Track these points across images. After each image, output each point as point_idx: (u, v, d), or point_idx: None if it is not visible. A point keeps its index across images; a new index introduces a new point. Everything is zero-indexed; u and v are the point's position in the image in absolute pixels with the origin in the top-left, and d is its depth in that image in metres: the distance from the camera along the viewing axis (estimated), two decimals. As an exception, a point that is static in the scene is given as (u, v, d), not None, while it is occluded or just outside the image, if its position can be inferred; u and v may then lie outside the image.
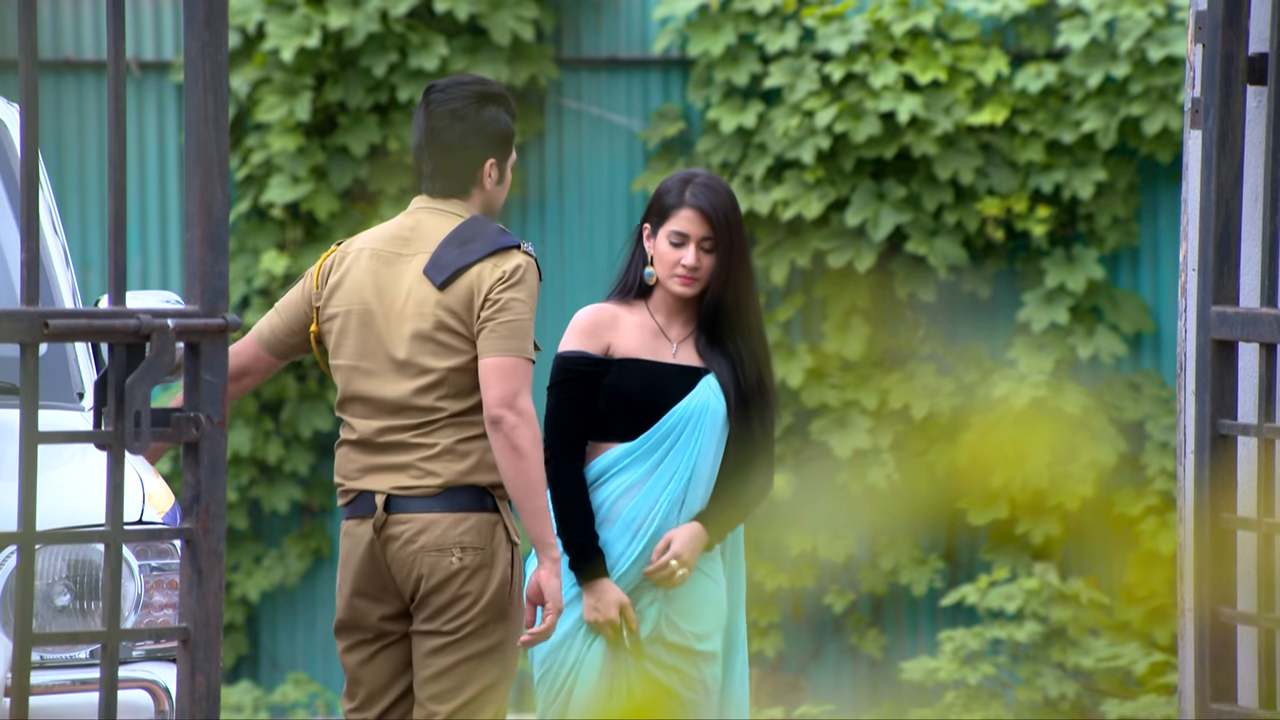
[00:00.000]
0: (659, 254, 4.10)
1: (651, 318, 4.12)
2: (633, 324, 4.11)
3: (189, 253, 2.67)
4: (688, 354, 4.13)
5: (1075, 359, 7.20)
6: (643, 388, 4.07)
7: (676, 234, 4.08)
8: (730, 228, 4.08)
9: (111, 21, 2.64)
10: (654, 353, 4.11)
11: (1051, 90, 7.16)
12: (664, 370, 4.09)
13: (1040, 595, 6.98)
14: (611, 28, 7.37)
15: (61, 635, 2.65)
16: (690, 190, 4.10)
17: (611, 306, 4.13)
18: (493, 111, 4.10)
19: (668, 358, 4.10)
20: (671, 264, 4.09)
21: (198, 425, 2.64)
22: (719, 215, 4.08)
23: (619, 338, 4.11)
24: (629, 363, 4.08)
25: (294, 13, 7.19)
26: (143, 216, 7.37)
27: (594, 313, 4.12)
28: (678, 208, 4.09)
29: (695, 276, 4.08)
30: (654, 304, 4.14)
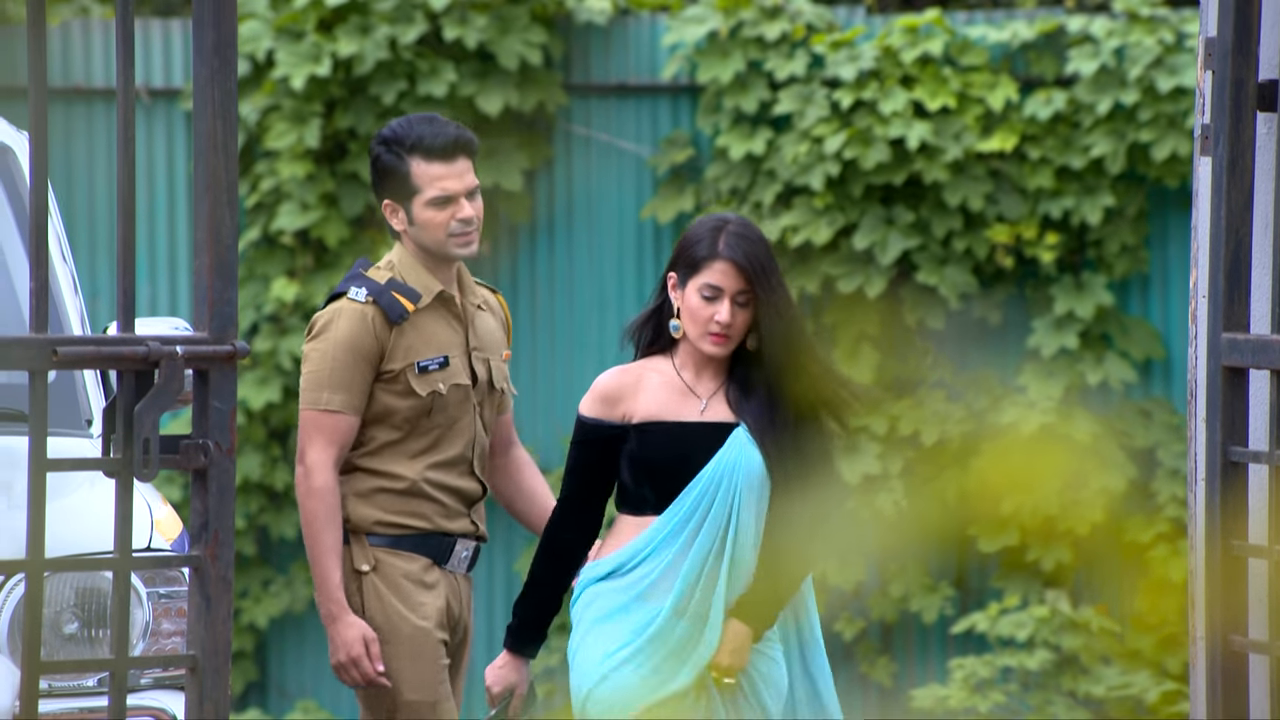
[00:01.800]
0: (688, 309, 3.73)
1: (678, 374, 3.77)
2: (657, 382, 3.76)
3: (198, 280, 2.67)
4: (719, 409, 3.75)
5: (1085, 385, 7.19)
6: (667, 454, 3.71)
7: (709, 287, 3.72)
8: (768, 278, 3.71)
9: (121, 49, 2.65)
10: (678, 412, 3.74)
11: (1061, 117, 7.16)
12: (690, 431, 3.72)
13: (1051, 623, 6.96)
14: (620, 54, 7.38)
15: (70, 663, 2.65)
16: (724, 240, 3.73)
17: (638, 368, 3.78)
18: (375, 151, 4.16)
19: (695, 415, 3.73)
20: (703, 321, 3.72)
21: (206, 452, 2.63)
22: (755, 267, 3.71)
23: (639, 403, 3.75)
24: (650, 427, 3.72)
25: (303, 40, 7.21)
26: (152, 244, 7.38)
27: (616, 377, 3.77)
28: (710, 260, 3.72)
29: (728, 334, 3.71)
30: (680, 358, 3.77)
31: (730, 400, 3.72)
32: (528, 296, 7.40)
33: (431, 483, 4.13)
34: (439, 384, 4.13)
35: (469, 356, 4.16)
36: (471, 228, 4.14)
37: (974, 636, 7.18)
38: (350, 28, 7.19)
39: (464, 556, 4.18)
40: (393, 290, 4.13)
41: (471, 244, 4.16)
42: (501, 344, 4.23)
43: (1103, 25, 7.15)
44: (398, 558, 4.12)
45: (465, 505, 4.16)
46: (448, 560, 4.14)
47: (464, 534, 4.16)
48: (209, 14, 2.65)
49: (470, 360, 4.16)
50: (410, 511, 4.14)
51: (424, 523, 4.14)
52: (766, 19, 7.23)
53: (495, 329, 4.23)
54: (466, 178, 4.14)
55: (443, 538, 4.14)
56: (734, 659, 3.71)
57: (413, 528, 4.14)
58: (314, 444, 4.06)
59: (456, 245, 4.13)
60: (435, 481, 4.14)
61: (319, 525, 4.06)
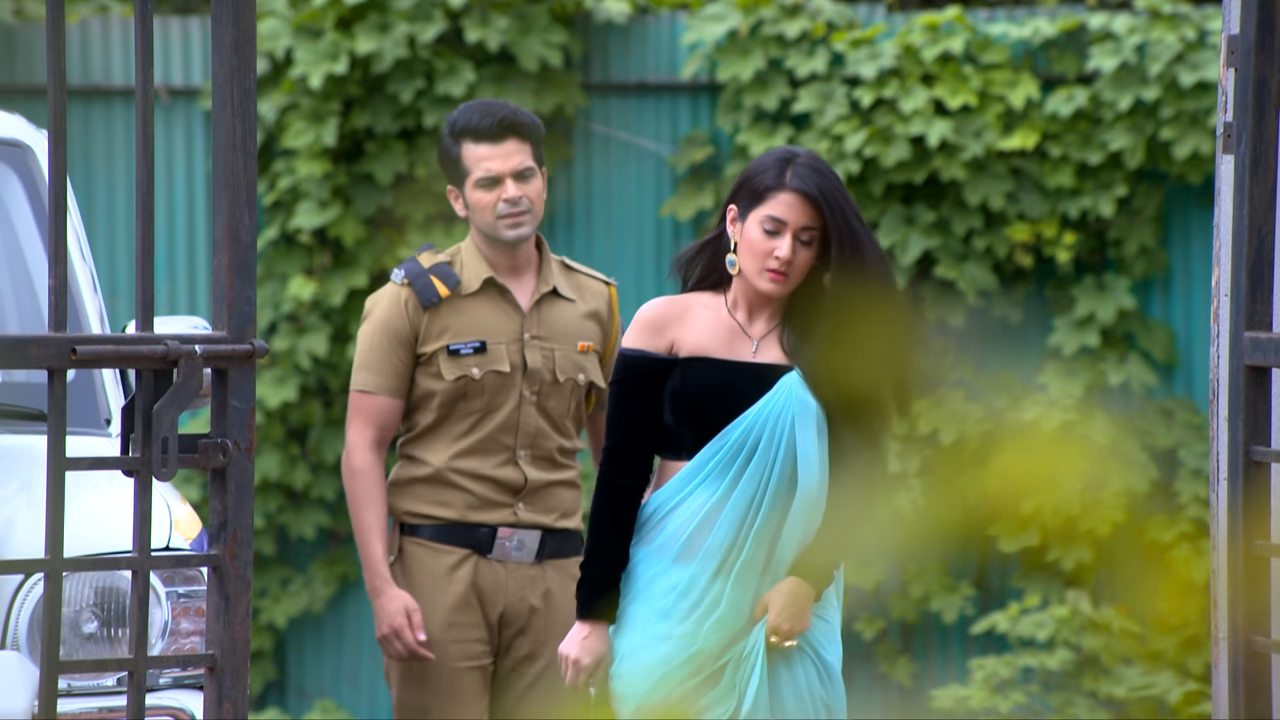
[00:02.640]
0: (747, 242, 3.42)
1: (730, 313, 3.46)
2: (706, 318, 3.45)
3: (216, 278, 2.66)
4: (771, 350, 3.44)
5: (1106, 385, 7.17)
6: (712, 391, 3.39)
7: (772, 220, 3.40)
8: (842, 211, 3.37)
9: (140, 48, 2.64)
10: (728, 350, 3.44)
11: (1082, 114, 7.13)
12: (739, 370, 3.41)
13: (1072, 623, 6.94)
14: (640, 53, 7.37)
15: (89, 663, 2.64)
16: (792, 171, 3.42)
17: (685, 299, 3.48)
18: (440, 140, 4.21)
19: (746, 356, 3.43)
20: (762, 255, 3.40)
21: (224, 451, 2.63)
22: (828, 202, 3.38)
23: (687, 332, 3.44)
24: (696, 362, 3.42)
25: (322, 39, 7.20)
26: (171, 242, 7.38)
27: (662, 305, 3.47)
28: (775, 190, 3.41)
29: (787, 273, 3.40)
30: (734, 298, 3.46)
31: (784, 344, 3.43)
32: (547, 295, 7.40)
33: (460, 471, 4.13)
34: (472, 369, 4.14)
35: (521, 344, 4.15)
36: (519, 209, 4.14)
37: (994, 637, 7.16)
38: (369, 26, 7.19)
39: (512, 546, 4.16)
40: (432, 274, 4.15)
41: (521, 226, 4.15)
42: (579, 335, 4.20)
43: (1124, 22, 7.12)
44: (425, 549, 4.14)
45: (508, 495, 4.14)
46: (490, 551, 4.13)
47: (506, 524, 4.14)
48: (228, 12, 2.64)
49: (523, 348, 4.15)
50: (437, 500, 4.15)
51: (450, 512, 4.14)
52: (787, 17, 7.21)
53: (576, 320, 4.20)
54: (513, 159, 4.14)
55: (474, 528, 4.13)
56: (795, 622, 3.39)
57: (439, 518, 4.15)
58: (353, 425, 4.14)
59: (505, 227, 4.14)
60: (465, 470, 4.14)
61: (359, 504, 4.13)
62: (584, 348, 4.23)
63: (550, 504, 4.18)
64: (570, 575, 4.21)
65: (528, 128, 4.19)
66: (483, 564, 4.15)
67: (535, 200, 4.18)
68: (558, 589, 4.19)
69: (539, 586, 4.18)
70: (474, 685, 4.17)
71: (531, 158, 4.20)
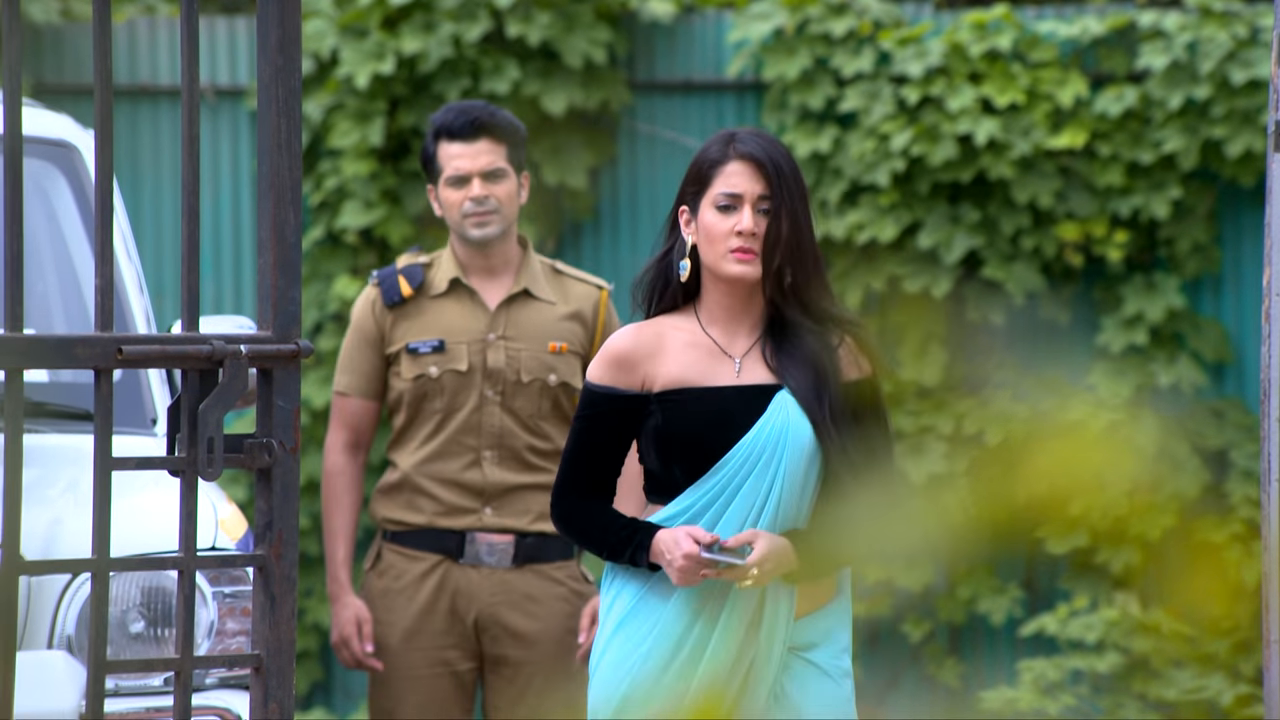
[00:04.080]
0: (705, 230, 3.10)
1: (705, 332, 3.13)
2: (680, 342, 3.12)
3: (261, 278, 2.66)
4: (755, 370, 3.11)
5: (1155, 386, 7.12)
6: (697, 426, 3.06)
7: (725, 195, 3.10)
8: (792, 181, 3.08)
9: (186, 48, 2.64)
10: (709, 376, 3.10)
11: (1132, 113, 7.08)
12: (723, 397, 3.08)
13: (1121, 625, 6.90)
14: (685, 51, 7.36)
15: (135, 662, 2.64)
16: (737, 141, 3.13)
17: (655, 325, 3.14)
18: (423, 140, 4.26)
19: (729, 379, 3.10)
20: (723, 236, 3.08)
21: (270, 451, 2.62)
22: (775, 165, 3.08)
23: (661, 364, 3.11)
24: (675, 396, 3.08)
25: (368, 39, 7.21)
26: (216, 242, 7.39)
27: (630, 337, 3.12)
28: (721, 163, 3.12)
29: (754, 248, 3.07)
30: (706, 313, 3.13)
31: (768, 359, 3.09)
32: (592, 295, 7.39)
33: (427, 476, 4.14)
34: (430, 367, 4.14)
35: (484, 344, 4.15)
36: (485, 208, 4.14)
37: (1043, 639, 7.12)
38: (414, 25, 7.19)
39: (484, 551, 4.15)
40: (401, 274, 4.18)
41: (487, 225, 4.15)
42: (551, 336, 4.20)
43: (1175, 20, 7.07)
44: (399, 555, 4.16)
45: (474, 499, 4.14)
46: (461, 556, 4.13)
47: (474, 529, 4.14)
48: (273, 12, 2.64)
49: (485, 348, 4.15)
50: (408, 506, 4.16)
51: (420, 518, 4.16)
52: (833, 15, 7.18)
53: (551, 321, 4.20)
54: (482, 158, 4.14)
55: (444, 534, 4.14)
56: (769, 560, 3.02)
57: (410, 524, 4.16)
58: (330, 427, 4.20)
59: (470, 225, 4.15)
60: (431, 475, 4.14)
61: (327, 507, 4.19)
62: (555, 348, 4.22)
63: (522, 507, 4.17)
64: (552, 579, 4.20)
65: (503, 129, 4.19)
66: (455, 569, 4.15)
67: (505, 201, 4.17)
68: (540, 592, 4.17)
69: (518, 590, 4.16)
70: (445, 692, 4.16)
71: (505, 159, 4.19)
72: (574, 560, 4.23)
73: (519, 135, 4.20)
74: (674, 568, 3.04)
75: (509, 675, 4.17)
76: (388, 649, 4.16)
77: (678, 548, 3.04)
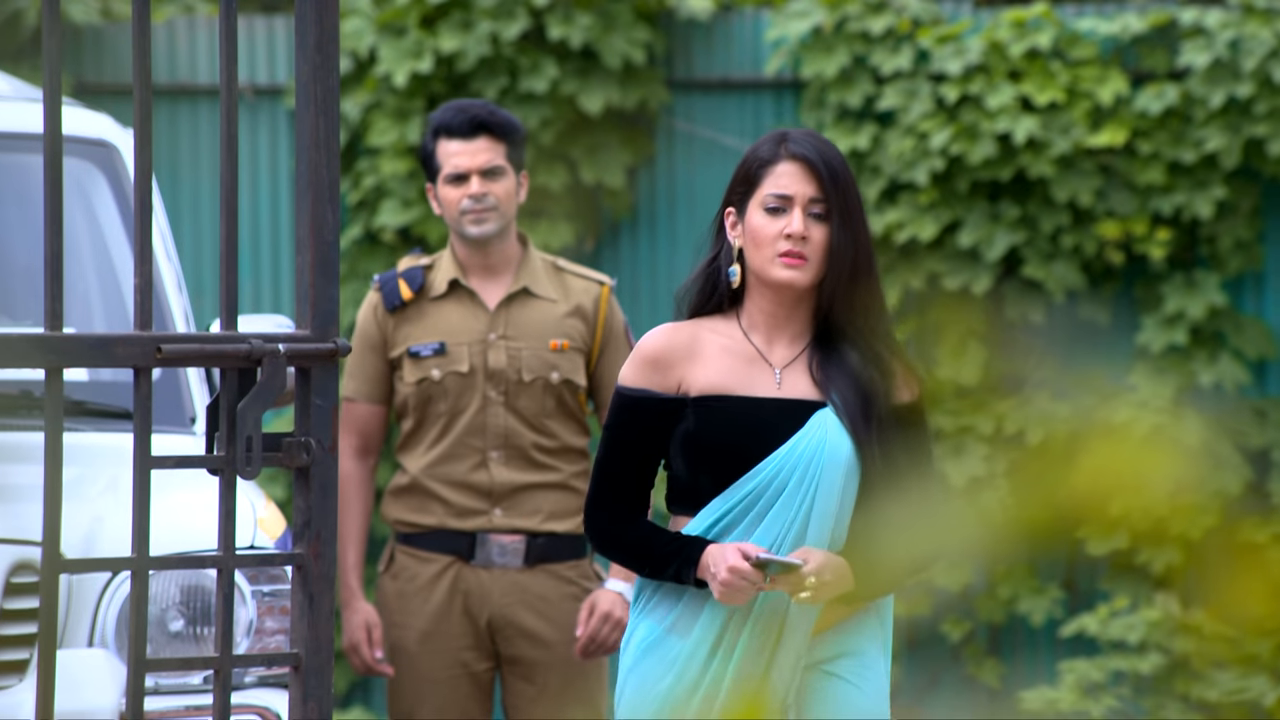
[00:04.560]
0: (752, 234, 2.95)
1: (746, 338, 2.98)
2: (718, 346, 2.97)
3: (299, 277, 2.66)
4: (797, 382, 2.95)
5: (1197, 385, 7.08)
6: (732, 436, 2.91)
7: (775, 197, 2.95)
8: (846, 186, 2.94)
9: (224, 47, 2.64)
10: (748, 385, 2.94)
11: (1173, 111, 7.05)
12: (763, 409, 2.92)
13: (1163, 626, 6.86)
14: (723, 50, 7.34)
15: (175, 661, 2.64)
16: (790, 142, 2.98)
17: (691, 326, 2.99)
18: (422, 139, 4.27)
19: (769, 390, 2.94)
20: (770, 239, 2.94)
21: (308, 450, 2.62)
22: (830, 168, 2.95)
23: (698, 367, 2.95)
24: (710, 402, 2.92)
25: (406, 37, 7.22)
26: (255, 241, 7.41)
27: (665, 336, 2.98)
28: (772, 163, 2.97)
29: (805, 252, 2.93)
30: (748, 319, 2.98)
31: (813, 371, 2.94)
32: (629, 292, 7.38)
33: (435, 478, 4.14)
34: (432, 370, 4.14)
35: (484, 344, 4.14)
36: (483, 205, 4.14)
37: (1083, 639, 7.09)
38: (452, 24, 7.19)
39: (495, 552, 4.14)
40: (401, 278, 4.18)
41: (485, 223, 4.15)
42: (552, 334, 4.19)
43: (1216, 17, 7.03)
44: (411, 557, 4.16)
45: (483, 500, 4.13)
46: (472, 557, 4.13)
47: (483, 530, 4.13)
48: (311, 11, 2.64)
49: (486, 348, 4.14)
50: (419, 508, 4.17)
51: (431, 519, 4.16)
52: (871, 13, 7.16)
53: (553, 319, 4.19)
54: (481, 156, 4.14)
55: (455, 535, 4.14)
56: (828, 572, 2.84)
57: (421, 525, 4.16)
58: (341, 433, 4.16)
59: (468, 223, 4.14)
60: (439, 477, 4.14)
61: (340, 511, 4.17)
62: (556, 346, 4.21)
63: (532, 507, 4.16)
64: (564, 579, 4.20)
65: (502, 127, 4.19)
66: (466, 570, 4.14)
67: (503, 199, 4.17)
68: (552, 592, 4.17)
69: (530, 591, 4.16)
70: (463, 693, 4.16)
71: (504, 157, 4.19)
72: (585, 559, 4.23)
73: (518, 134, 4.20)
74: (718, 580, 2.87)
75: (526, 675, 4.16)
76: (405, 652, 4.15)
77: (724, 560, 2.87)
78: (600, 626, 4.13)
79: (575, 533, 4.20)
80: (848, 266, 2.94)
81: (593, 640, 4.14)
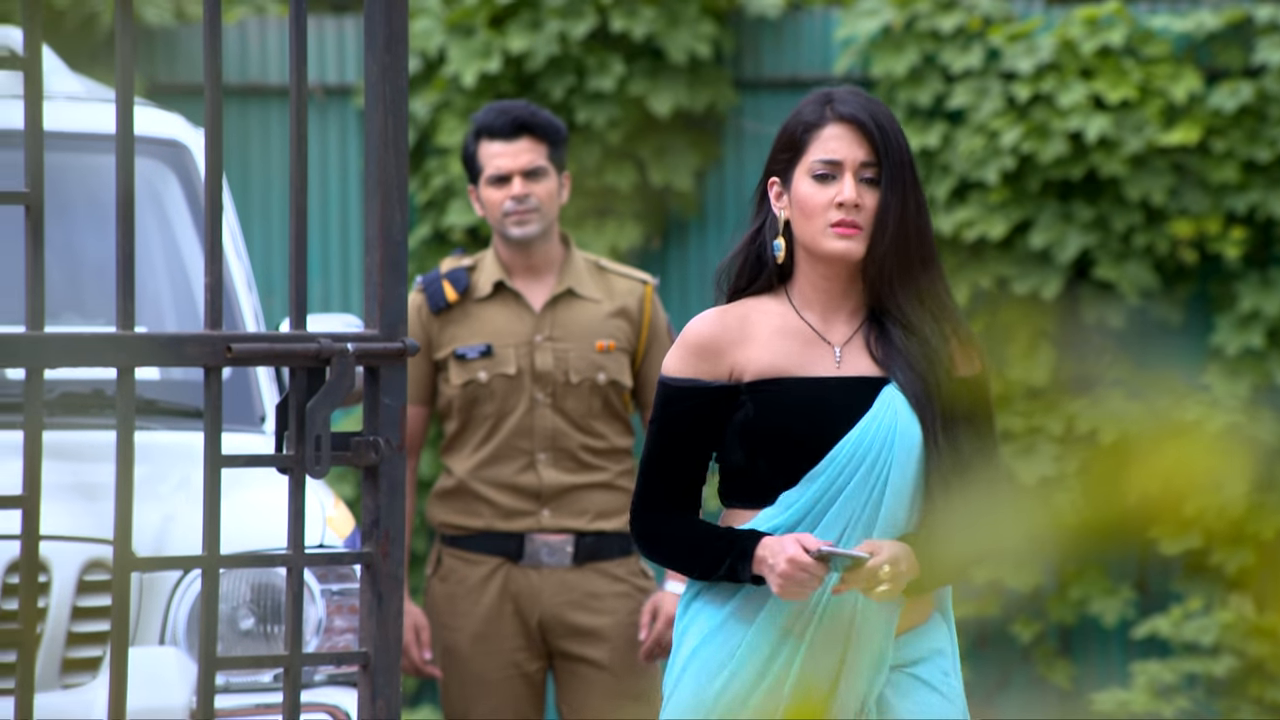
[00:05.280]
0: (800, 204, 2.75)
1: (799, 316, 2.77)
2: (771, 327, 2.76)
3: (368, 277, 2.66)
4: (858, 360, 2.76)
5: (1272, 384, 7.02)
6: (794, 420, 2.71)
7: (823, 163, 2.75)
8: (898, 146, 2.74)
9: (294, 47, 2.65)
10: (805, 365, 2.74)
11: (1247, 109, 6.98)
12: (825, 390, 2.73)
13: (1237, 628, 6.80)
14: (792, 48, 7.32)
15: (245, 659, 2.65)
16: (835, 102, 2.78)
17: (741, 308, 2.78)
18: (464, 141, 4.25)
19: (830, 370, 2.75)
20: (821, 209, 2.73)
21: (376, 449, 2.63)
22: (880, 127, 2.74)
23: (751, 350, 2.75)
24: (767, 387, 2.73)
25: (475, 37, 7.23)
26: (325, 240, 7.44)
27: (713, 322, 2.77)
28: (818, 126, 2.77)
29: (858, 221, 2.72)
30: (799, 296, 2.77)
31: (872, 348, 2.74)
32: (697, 293, 7.37)
33: (482, 480, 4.13)
34: (479, 373, 4.14)
35: (531, 346, 4.14)
36: (525, 207, 4.13)
37: (1156, 641, 7.03)
38: (521, 23, 7.20)
39: (543, 552, 4.14)
40: (445, 279, 4.18)
41: (527, 224, 4.14)
42: (598, 335, 4.18)
43: (1291, 13, 6.96)
44: (460, 559, 4.17)
45: (531, 501, 4.13)
46: (521, 558, 4.13)
47: (532, 531, 4.13)
48: (381, 11, 2.64)
49: (533, 350, 4.14)
50: (466, 511, 4.17)
51: (479, 522, 4.16)
52: (942, 11, 7.13)
53: (598, 320, 4.18)
54: (523, 157, 4.14)
55: (503, 537, 4.14)
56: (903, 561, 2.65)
57: (469, 528, 4.16)
58: None
59: (511, 224, 4.14)
60: (487, 479, 4.14)
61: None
62: (602, 347, 4.20)
63: (580, 507, 4.15)
64: (614, 576, 4.19)
65: (544, 128, 4.18)
66: (516, 571, 4.14)
67: (545, 200, 4.16)
68: (602, 589, 4.16)
69: (580, 589, 4.15)
70: (517, 693, 4.15)
71: (546, 158, 4.18)
72: (633, 556, 4.22)
73: (560, 135, 4.19)
74: (776, 573, 2.67)
75: (578, 673, 4.16)
76: (458, 654, 4.16)
77: (783, 552, 2.67)
78: (666, 631, 4.13)
79: (623, 530, 4.20)
80: (899, 232, 2.70)
81: (658, 644, 4.14)
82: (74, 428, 3.99)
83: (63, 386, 4.03)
